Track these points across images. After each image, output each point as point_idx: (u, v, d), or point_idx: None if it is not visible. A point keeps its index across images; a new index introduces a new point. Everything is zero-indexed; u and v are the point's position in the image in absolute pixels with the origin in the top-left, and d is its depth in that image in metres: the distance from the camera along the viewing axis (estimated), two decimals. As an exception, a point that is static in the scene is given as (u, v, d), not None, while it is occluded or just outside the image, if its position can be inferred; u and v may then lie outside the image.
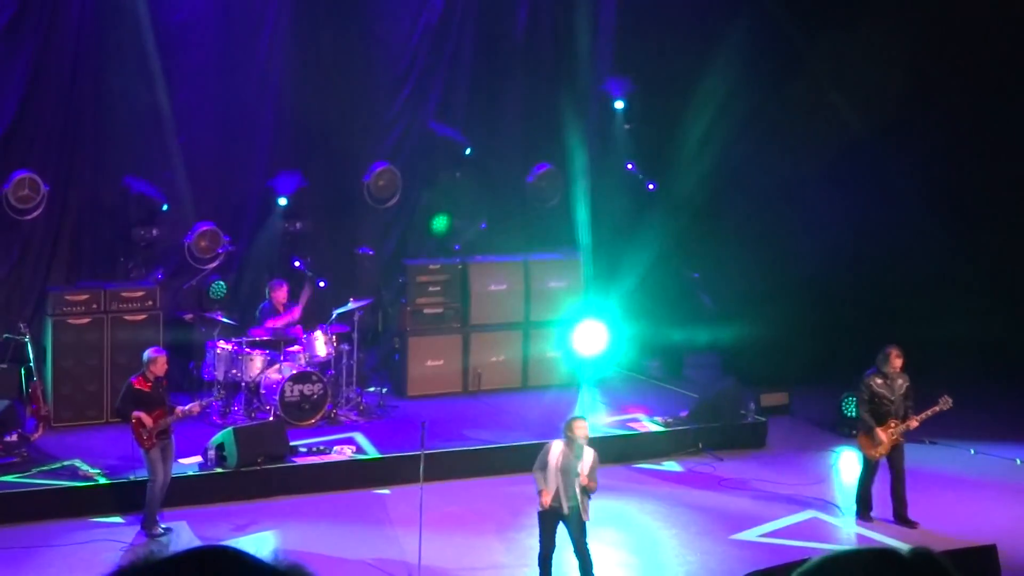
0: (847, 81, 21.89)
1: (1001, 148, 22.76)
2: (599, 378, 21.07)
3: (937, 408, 15.83)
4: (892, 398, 15.74)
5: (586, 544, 13.17)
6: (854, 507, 16.18)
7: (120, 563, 2.11)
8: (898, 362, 15.80)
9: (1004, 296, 22.85)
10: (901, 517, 15.88)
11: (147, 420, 14.88)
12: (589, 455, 13.10)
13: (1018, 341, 22.24)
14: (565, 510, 13.05)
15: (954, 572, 2.03)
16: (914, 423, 15.78)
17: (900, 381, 15.84)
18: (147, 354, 15.28)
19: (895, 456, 15.81)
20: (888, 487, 15.98)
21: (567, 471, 13.04)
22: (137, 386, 15.06)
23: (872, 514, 16.00)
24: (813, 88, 21.25)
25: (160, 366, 15.12)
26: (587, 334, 20.35)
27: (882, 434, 15.65)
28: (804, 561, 2.26)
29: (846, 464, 18.61)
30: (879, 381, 15.81)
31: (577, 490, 12.99)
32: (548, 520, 13.19)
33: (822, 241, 22.10)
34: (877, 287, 22.47)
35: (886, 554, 2.01)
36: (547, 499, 13.00)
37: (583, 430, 13.12)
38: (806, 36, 22.34)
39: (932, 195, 22.73)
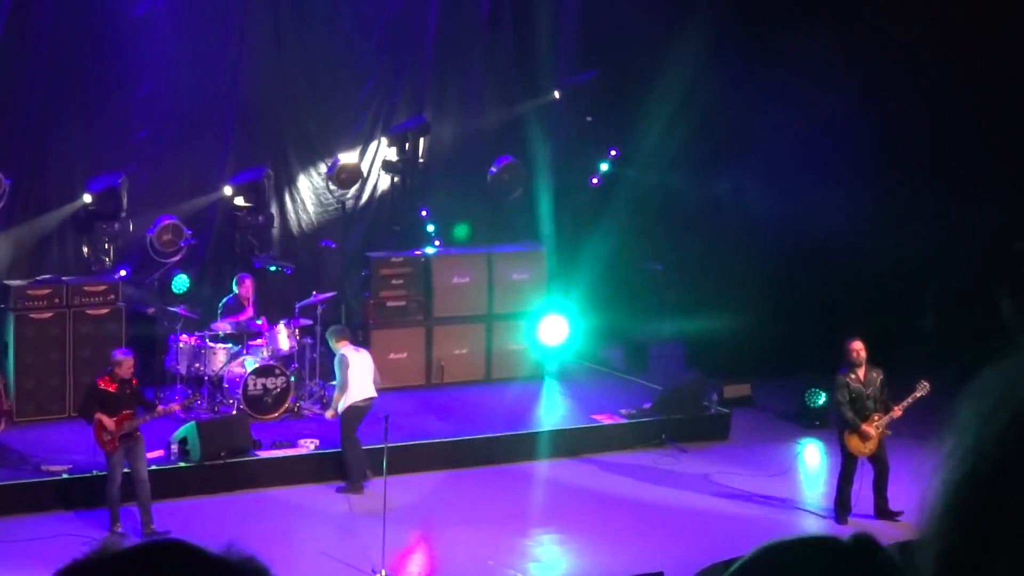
0: (808, 73, 21.92)
1: (967, 140, 22.81)
2: (561, 368, 21.12)
3: (917, 394, 15.56)
4: (869, 392, 15.62)
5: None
6: (832, 509, 15.98)
7: (74, 558, 2.11)
8: (862, 354, 15.65)
9: (966, 283, 22.93)
10: (883, 511, 15.75)
11: (108, 423, 14.78)
12: (366, 354, 16.91)
13: (983, 330, 22.30)
14: (369, 399, 16.46)
15: (895, 558, 2.04)
16: (898, 412, 15.55)
17: (874, 374, 15.71)
18: (113, 355, 15.22)
19: (879, 451, 15.68)
20: (867, 484, 15.79)
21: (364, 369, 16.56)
22: (103, 386, 14.96)
23: (849, 517, 15.81)
24: (775, 80, 21.28)
25: (126, 368, 15.01)
26: (551, 326, 20.40)
27: (869, 429, 15.53)
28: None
29: (810, 456, 18.70)
30: (853, 377, 15.67)
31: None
32: (356, 418, 16.34)
33: (784, 232, 22.13)
34: (840, 277, 22.51)
35: (826, 542, 2.01)
36: (361, 401, 16.32)
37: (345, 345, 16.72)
38: (768, 28, 22.38)
39: (893, 185, 22.81)
